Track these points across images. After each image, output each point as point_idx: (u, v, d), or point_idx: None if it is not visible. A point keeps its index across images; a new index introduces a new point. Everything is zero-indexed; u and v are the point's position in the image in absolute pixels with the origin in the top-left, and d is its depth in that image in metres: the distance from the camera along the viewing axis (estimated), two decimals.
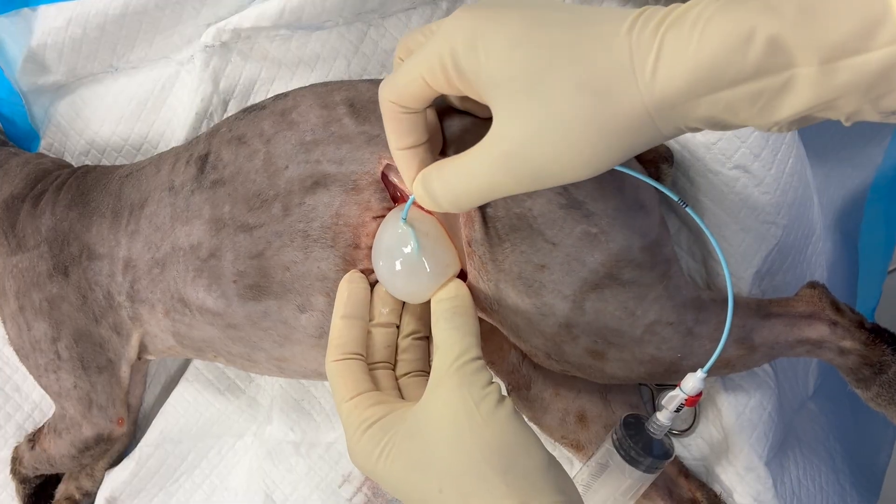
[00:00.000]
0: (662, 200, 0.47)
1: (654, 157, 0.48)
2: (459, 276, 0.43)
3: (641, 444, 0.45)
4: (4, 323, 0.56)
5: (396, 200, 0.44)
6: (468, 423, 0.35)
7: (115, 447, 0.60)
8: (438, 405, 0.36)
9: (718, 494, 0.52)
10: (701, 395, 0.42)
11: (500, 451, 0.35)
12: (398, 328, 0.44)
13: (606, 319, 0.42)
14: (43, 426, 0.59)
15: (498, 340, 0.51)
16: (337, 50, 0.56)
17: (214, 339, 0.49)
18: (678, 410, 0.43)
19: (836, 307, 0.46)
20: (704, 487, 0.52)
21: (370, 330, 0.43)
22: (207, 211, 0.47)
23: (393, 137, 0.39)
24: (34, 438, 0.59)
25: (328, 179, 0.44)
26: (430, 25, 0.39)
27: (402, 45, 0.40)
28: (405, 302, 0.44)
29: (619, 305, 0.42)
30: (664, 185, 0.42)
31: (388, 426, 0.38)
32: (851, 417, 0.65)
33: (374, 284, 0.44)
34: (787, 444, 0.57)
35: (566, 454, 0.54)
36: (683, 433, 0.54)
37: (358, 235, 0.44)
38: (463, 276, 0.44)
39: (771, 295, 0.52)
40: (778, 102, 0.28)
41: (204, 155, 0.49)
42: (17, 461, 0.61)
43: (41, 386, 0.55)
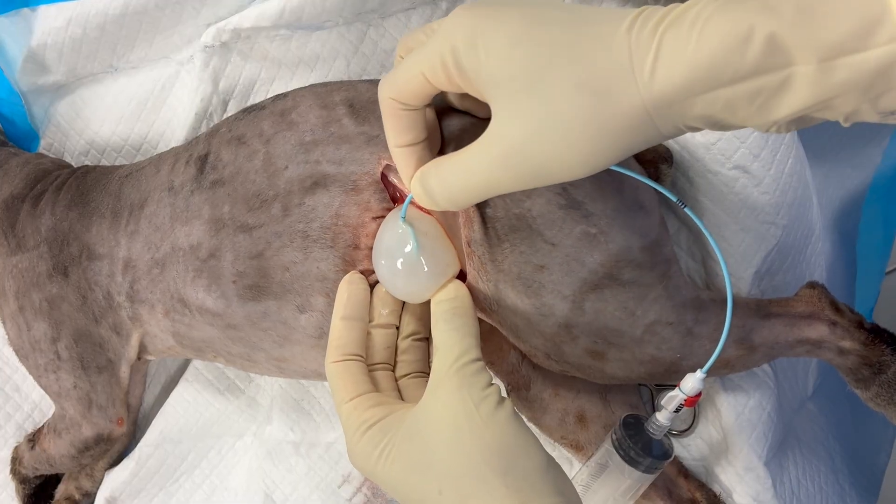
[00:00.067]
0: (662, 201, 0.47)
1: (653, 157, 0.48)
2: (459, 276, 0.43)
3: (641, 444, 0.45)
4: (4, 323, 0.56)
5: (396, 201, 0.44)
6: (468, 424, 0.35)
7: (114, 447, 0.60)
8: (438, 406, 0.36)
9: (718, 494, 0.52)
10: (700, 395, 0.42)
11: (499, 452, 0.35)
12: (398, 329, 0.44)
13: (606, 320, 0.42)
14: (43, 426, 0.59)
15: (497, 341, 0.51)
16: (337, 50, 0.56)
17: (214, 339, 0.49)
18: (677, 411, 0.43)
19: (835, 307, 0.46)
20: (704, 488, 0.52)
21: (370, 331, 0.43)
22: (207, 211, 0.47)
23: (392, 134, 0.39)
24: (34, 438, 0.59)
25: (328, 180, 0.44)
26: (430, 24, 0.40)
27: (402, 43, 0.40)
28: (405, 303, 0.44)
29: (618, 306, 0.42)
30: (663, 185, 0.42)
31: (387, 427, 0.38)
32: (851, 417, 0.65)
33: (373, 285, 0.44)
34: (786, 444, 0.57)
35: (566, 454, 0.54)
36: (683, 433, 0.54)
37: (357, 236, 0.44)
38: (462, 276, 0.44)
39: (770, 295, 0.52)
40: (776, 101, 0.28)
41: (204, 155, 0.49)
42: (16, 461, 0.61)
43: (41, 386, 0.55)
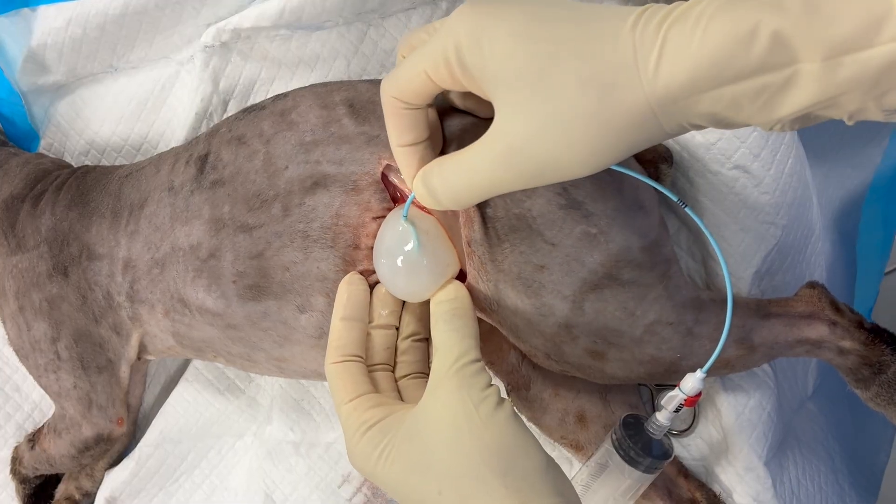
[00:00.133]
0: (662, 200, 0.47)
1: (653, 157, 0.48)
2: (459, 276, 0.43)
3: (641, 444, 0.45)
4: (4, 323, 0.56)
5: (396, 201, 0.44)
6: (467, 425, 0.35)
7: (114, 447, 0.60)
8: (438, 407, 0.36)
9: (718, 494, 0.52)
10: (700, 395, 0.42)
11: (499, 453, 0.35)
12: (397, 330, 0.44)
13: (606, 320, 0.42)
14: (43, 426, 0.59)
15: (497, 341, 0.51)
16: (337, 50, 0.56)
17: (214, 339, 0.49)
18: (677, 411, 0.43)
19: (835, 307, 0.46)
20: (704, 487, 0.52)
21: (370, 332, 0.43)
22: (207, 211, 0.47)
23: (394, 134, 0.38)
24: (34, 438, 0.59)
25: (328, 180, 0.44)
26: (432, 24, 0.39)
27: (404, 43, 0.40)
28: (405, 304, 0.44)
29: (618, 306, 0.42)
30: (664, 185, 0.42)
31: (387, 428, 0.38)
32: (850, 417, 0.65)
33: (373, 286, 0.44)
34: (786, 444, 0.57)
35: (566, 454, 0.54)
36: (683, 433, 0.54)
37: (358, 236, 0.44)
38: (462, 276, 0.44)
39: (770, 295, 0.52)
40: (781, 98, 0.28)
41: (204, 155, 0.49)
42: (16, 461, 0.61)
43: (41, 386, 0.55)
